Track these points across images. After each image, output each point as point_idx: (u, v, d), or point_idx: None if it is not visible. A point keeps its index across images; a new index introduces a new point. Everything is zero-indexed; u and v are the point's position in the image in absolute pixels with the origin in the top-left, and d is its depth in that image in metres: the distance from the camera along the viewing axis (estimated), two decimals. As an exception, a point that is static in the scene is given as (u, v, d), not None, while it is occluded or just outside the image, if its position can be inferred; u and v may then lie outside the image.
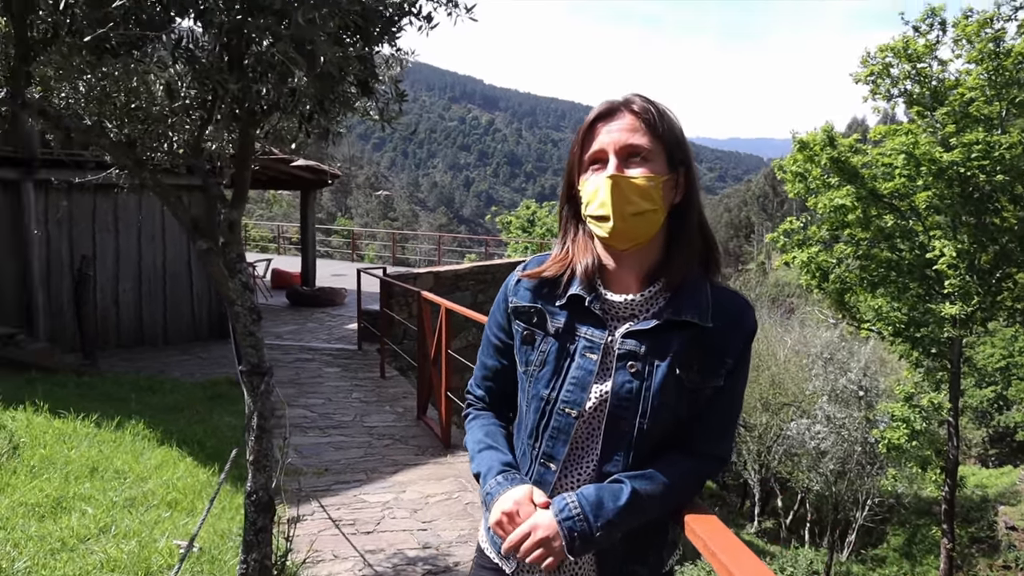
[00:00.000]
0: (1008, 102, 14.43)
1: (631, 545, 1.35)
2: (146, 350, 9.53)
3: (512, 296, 1.46)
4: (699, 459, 1.35)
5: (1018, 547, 19.30)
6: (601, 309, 1.35)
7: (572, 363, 1.34)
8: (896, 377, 20.64)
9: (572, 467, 1.35)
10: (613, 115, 1.32)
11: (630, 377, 1.29)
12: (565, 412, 1.33)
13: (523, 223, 30.67)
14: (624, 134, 1.29)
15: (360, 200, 75.30)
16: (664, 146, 1.30)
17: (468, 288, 11.81)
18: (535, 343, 1.39)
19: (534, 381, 1.38)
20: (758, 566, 1.09)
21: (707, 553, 1.19)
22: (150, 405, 6.30)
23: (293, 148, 3.44)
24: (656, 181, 1.28)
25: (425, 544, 4.20)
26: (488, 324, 1.53)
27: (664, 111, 1.31)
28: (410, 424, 6.71)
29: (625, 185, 1.27)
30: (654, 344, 1.30)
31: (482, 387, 1.54)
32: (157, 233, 9.85)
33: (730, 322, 1.32)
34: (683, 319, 1.29)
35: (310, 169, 12.09)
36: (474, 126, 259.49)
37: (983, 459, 27.15)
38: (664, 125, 1.30)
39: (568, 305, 1.37)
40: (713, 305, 1.31)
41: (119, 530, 3.65)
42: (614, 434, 1.30)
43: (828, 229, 16.70)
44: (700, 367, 1.30)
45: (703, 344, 1.30)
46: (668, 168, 1.30)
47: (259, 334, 3.06)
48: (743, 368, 1.35)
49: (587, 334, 1.34)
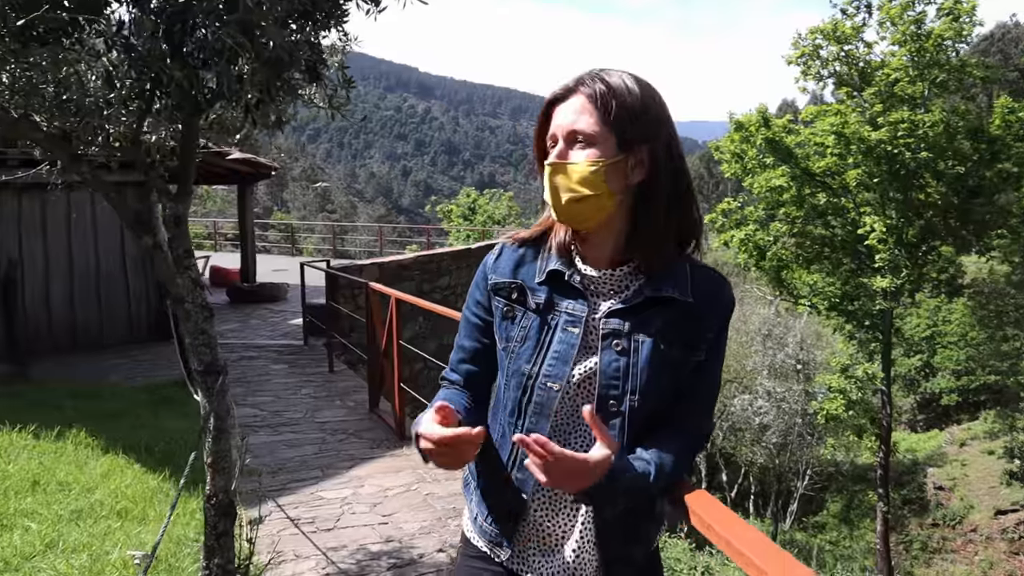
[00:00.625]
0: (930, 82, 15.03)
1: (628, 525, 1.34)
2: (81, 354, 9.13)
3: (491, 273, 1.44)
4: (688, 435, 1.35)
5: (945, 505, 20.33)
6: (581, 283, 1.34)
7: (554, 337, 1.33)
8: (831, 350, 21.40)
9: (560, 444, 1.33)
10: (567, 96, 1.30)
11: (616, 356, 1.29)
12: (547, 386, 1.32)
13: (464, 211, 30.56)
14: (570, 117, 1.27)
15: (297, 193, 73.79)
16: (612, 128, 1.26)
17: (413, 278, 11.70)
18: (516, 319, 1.38)
19: (515, 357, 1.36)
20: (756, 534, 1.09)
21: (702, 526, 1.19)
22: (90, 412, 6.04)
23: (238, 139, 3.32)
24: (598, 165, 1.25)
25: (387, 538, 4.15)
26: (466, 305, 1.50)
27: (618, 90, 1.27)
28: (363, 418, 6.63)
29: (561, 172, 1.27)
30: (637, 321, 1.30)
31: (458, 371, 1.50)
32: (88, 232, 9.44)
33: (709, 297, 1.32)
34: (663, 295, 1.30)
35: (247, 162, 11.75)
36: (410, 115, 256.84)
37: (912, 424, 28.41)
38: (614, 104, 1.25)
39: (548, 280, 1.36)
40: (692, 281, 1.32)
41: (67, 544, 3.50)
42: (606, 414, 1.30)
43: (764, 208, 17.16)
44: (682, 342, 1.30)
45: (684, 319, 1.30)
46: (618, 150, 1.27)
47: (212, 331, 2.96)
48: (722, 342, 1.37)
49: (568, 308, 1.33)
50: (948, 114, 14.92)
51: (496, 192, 33.23)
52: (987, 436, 22.19)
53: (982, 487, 20.36)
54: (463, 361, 1.49)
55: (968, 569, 18.00)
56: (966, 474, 21.12)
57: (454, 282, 12.98)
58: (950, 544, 19.15)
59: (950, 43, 15.05)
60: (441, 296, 12.21)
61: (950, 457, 22.45)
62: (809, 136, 16.05)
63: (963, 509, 19.82)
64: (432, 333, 12.14)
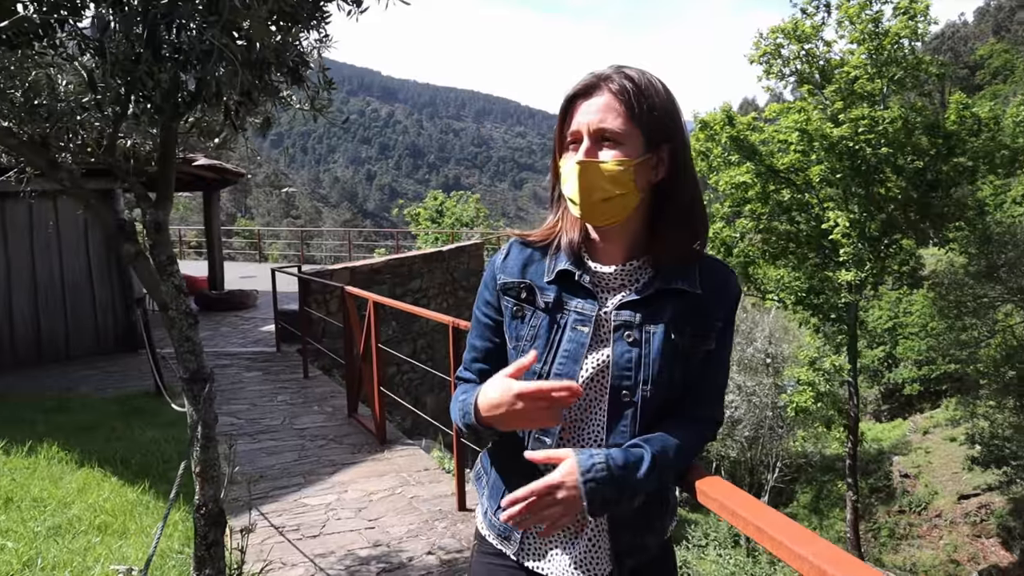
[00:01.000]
0: (888, 79, 15.39)
1: (641, 515, 1.35)
2: (48, 367, 8.90)
3: (500, 273, 1.44)
4: (699, 423, 1.37)
5: (911, 492, 20.80)
6: (591, 282, 1.35)
7: (563, 336, 1.34)
8: (799, 343, 21.75)
9: (570, 441, 1.35)
10: (591, 92, 1.29)
11: (628, 347, 1.30)
12: None
13: (431, 214, 30.46)
14: (599, 115, 1.27)
15: (260, 199, 72.79)
16: (640, 127, 1.27)
17: (385, 282, 11.63)
18: (525, 318, 1.38)
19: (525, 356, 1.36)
20: (781, 517, 1.11)
21: (725, 512, 1.20)
22: (61, 426, 5.89)
23: (216, 143, 3.26)
24: (627, 165, 1.26)
25: (375, 542, 4.11)
26: (476, 305, 1.51)
27: (645, 88, 1.28)
28: (342, 423, 6.56)
29: (593, 171, 1.26)
30: (648, 312, 1.31)
31: (472, 370, 1.50)
32: (52, 242, 9.19)
33: (717, 288, 1.35)
34: (674, 287, 1.32)
35: (213, 168, 11.56)
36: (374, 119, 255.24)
37: (877, 415, 29.04)
38: (643, 105, 1.27)
39: (557, 280, 1.37)
40: (700, 273, 1.34)
41: (46, 562, 3.41)
42: (618, 405, 1.31)
43: (730, 205, 17.40)
44: (693, 332, 1.32)
45: (694, 310, 1.32)
46: (645, 149, 1.28)
47: (196, 339, 2.90)
48: (730, 332, 1.39)
49: (577, 307, 1.34)
50: (906, 110, 15.30)
51: (463, 194, 33.17)
52: (949, 424, 22.75)
53: (945, 473, 20.88)
54: (476, 360, 1.50)
55: (934, 553, 18.44)
56: (930, 461, 21.64)
57: (426, 284, 12.93)
58: (916, 530, 19.60)
59: (906, 41, 15.44)
60: (413, 299, 12.16)
61: (914, 445, 22.98)
62: (773, 133, 16.33)
63: (928, 495, 20.31)
64: (405, 336, 12.08)
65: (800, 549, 0.98)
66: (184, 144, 3.50)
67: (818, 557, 0.95)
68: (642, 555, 1.38)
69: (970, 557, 18.02)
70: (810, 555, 0.96)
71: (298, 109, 3.02)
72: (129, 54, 2.55)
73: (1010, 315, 19.15)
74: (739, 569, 11.46)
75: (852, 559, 0.93)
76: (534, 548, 1.40)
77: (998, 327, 18.92)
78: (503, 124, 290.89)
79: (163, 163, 2.91)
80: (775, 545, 1.04)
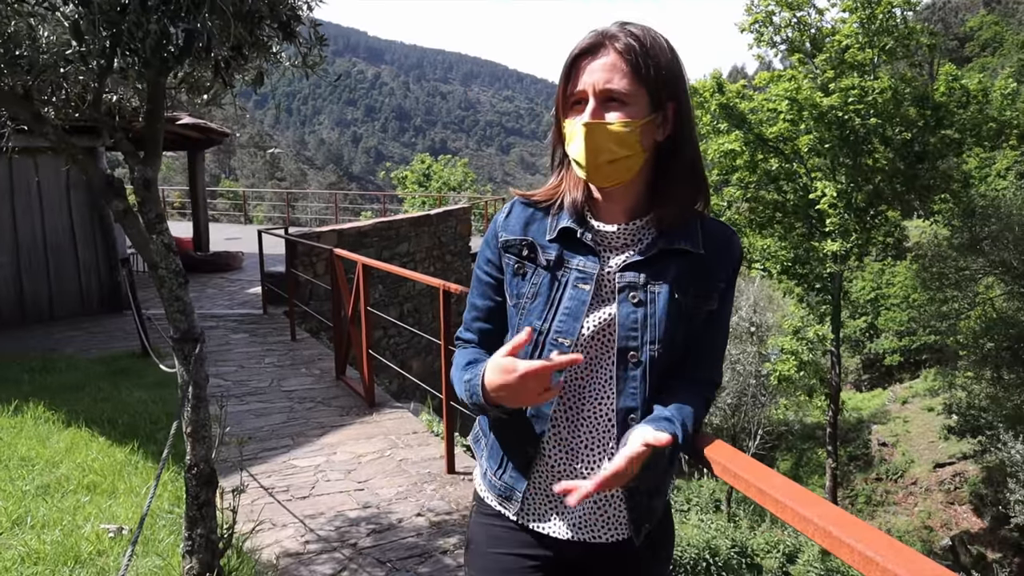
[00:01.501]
0: (879, 49, 15.31)
1: (653, 480, 1.36)
2: (32, 328, 8.80)
3: (502, 231, 1.43)
4: (701, 385, 1.37)
5: (888, 461, 21.22)
6: (593, 240, 1.34)
7: (564, 294, 1.33)
8: (783, 312, 21.94)
9: (578, 399, 1.34)
10: (596, 51, 1.26)
11: (633, 307, 1.30)
12: (559, 342, 1.32)
13: (419, 177, 30.24)
14: (604, 74, 1.24)
15: (245, 161, 71.82)
16: (646, 86, 1.25)
17: (372, 245, 11.57)
18: (526, 275, 1.38)
19: (525, 313, 1.36)
20: (785, 481, 1.11)
21: (728, 475, 1.21)
22: (47, 386, 5.85)
23: (206, 99, 3.19)
24: (633, 126, 1.24)
25: (365, 504, 4.14)
26: (477, 263, 1.49)
27: (651, 47, 1.25)
28: (330, 385, 6.56)
29: (599, 132, 1.24)
30: (652, 272, 1.31)
31: (472, 329, 1.49)
32: (34, 202, 9.03)
33: (720, 248, 1.35)
34: (677, 247, 1.31)
35: (197, 128, 11.37)
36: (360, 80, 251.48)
37: (857, 384, 29.46)
38: (649, 64, 1.24)
39: (559, 238, 1.36)
40: (703, 233, 1.34)
41: (36, 520, 3.40)
42: (627, 367, 1.30)
43: (718, 173, 17.37)
44: (695, 292, 1.32)
45: (696, 270, 1.32)
46: (650, 109, 1.27)
47: (187, 298, 2.87)
48: (731, 293, 1.39)
49: (579, 265, 1.34)
50: (896, 81, 15.26)
51: (451, 158, 32.91)
52: (927, 394, 23.15)
53: (922, 442, 21.29)
54: (476, 319, 1.48)
55: (908, 520, 18.88)
56: (908, 430, 22.04)
57: (413, 248, 12.87)
58: (892, 497, 20.04)
59: (899, 11, 15.35)
60: (400, 263, 12.11)
61: (893, 415, 23.38)
62: (763, 102, 16.26)
63: (904, 463, 20.72)
64: (392, 300, 12.06)
65: (805, 511, 0.99)
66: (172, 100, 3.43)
67: (823, 519, 0.95)
68: (653, 518, 1.39)
69: (943, 523, 18.48)
70: (815, 516, 0.96)
71: (289, 66, 2.96)
72: (115, 4, 2.48)
73: (991, 287, 19.38)
74: (720, 533, 11.69)
75: (856, 520, 0.94)
76: (536, 509, 1.40)
77: (978, 299, 19.16)
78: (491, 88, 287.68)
79: (151, 119, 2.85)
80: (779, 507, 1.04)
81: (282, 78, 3.19)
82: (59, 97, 2.97)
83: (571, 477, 1.35)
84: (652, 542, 1.41)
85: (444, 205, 22.04)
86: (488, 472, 1.46)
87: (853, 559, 0.89)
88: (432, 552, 3.55)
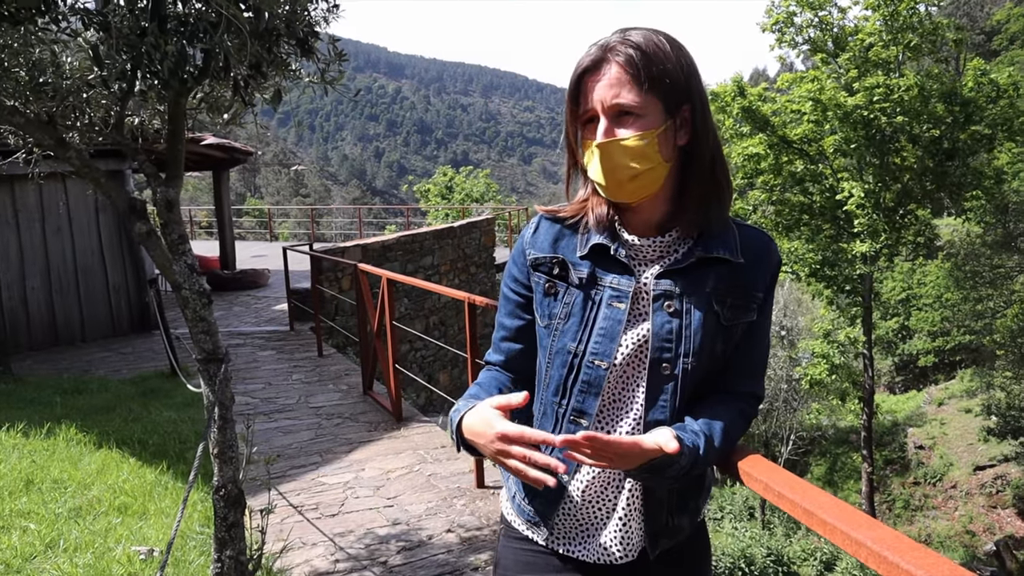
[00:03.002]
0: (904, 46, 15.08)
1: (676, 495, 1.31)
2: (63, 350, 8.93)
3: (530, 248, 1.38)
4: (741, 400, 1.31)
5: (926, 464, 20.76)
6: (627, 256, 1.29)
7: (599, 314, 1.28)
8: (812, 316, 21.61)
9: (607, 421, 1.30)
10: (599, 67, 1.21)
11: (668, 317, 1.25)
12: (595, 364, 1.27)
13: (441, 190, 30.33)
14: (611, 90, 1.19)
15: (269, 178, 72.73)
16: (656, 94, 1.20)
17: (397, 259, 11.60)
18: (558, 295, 1.32)
19: (559, 335, 1.31)
20: (833, 500, 1.05)
21: (771, 495, 1.15)
22: (78, 407, 5.91)
23: (226, 118, 3.20)
24: (650, 137, 1.19)
25: (394, 521, 4.10)
26: (504, 281, 1.44)
27: (654, 53, 1.20)
28: (357, 401, 6.55)
29: (615, 151, 1.20)
30: (689, 282, 1.26)
31: (500, 350, 1.44)
32: (64, 225, 9.18)
33: (758, 257, 1.29)
34: (714, 255, 1.26)
35: (221, 148, 11.50)
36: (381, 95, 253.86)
37: (891, 386, 28.93)
38: (655, 71, 1.19)
39: (591, 255, 1.31)
40: (740, 241, 1.29)
41: (68, 543, 3.41)
42: (658, 379, 1.25)
43: (743, 177, 17.20)
44: (733, 302, 1.27)
45: (734, 279, 1.27)
46: (664, 116, 1.21)
47: (211, 318, 2.86)
48: (770, 303, 1.34)
49: (613, 283, 1.28)
50: (922, 77, 15.00)
51: (472, 170, 33.00)
52: (964, 395, 22.63)
53: (960, 444, 20.80)
54: (505, 339, 1.44)
55: (949, 524, 18.42)
56: (945, 432, 21.55)
57: (437, 261, 12.88)
58: (931, 501, 19.58)
59: (922, 6, 15.11)
60: (425, 276, 12.12)
61: (929, 417, 22.89)
62: (786, 104, 16.08)
63: (943, 467, 20.25)
64: (418, 313, 12.06)
65: (858, 534, 0.92)
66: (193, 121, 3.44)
67: (878, 543, 0.89)
68: (676, 535, 1.33)
69: (986, 528, 18.00)
70: (868, 540, 0.90)
71: (309, 83, 2.95)
72: (134, 27, 2.48)
73: (1027, 285, 18.94)
74: (755, 541, 11.48)
75: (914, 544, 0.88)
76: (565, 533, 1.35)
77: (1015, 297, 18.71)
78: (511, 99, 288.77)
79: (172, 140, 2.85)
80: (828, 529, 0.98)
81: (303, 95, 3.19)
82: (82, 122, 2.99)
83: (595, 497, 1.32)
84: (683, 560, 1.36)
85: (467, 217, 22.08)
86: (517, 496, 1.42)
87: (913, 587, 0.82)
88: (463, 569, 3.50)
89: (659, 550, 1.32)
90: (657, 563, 1.33)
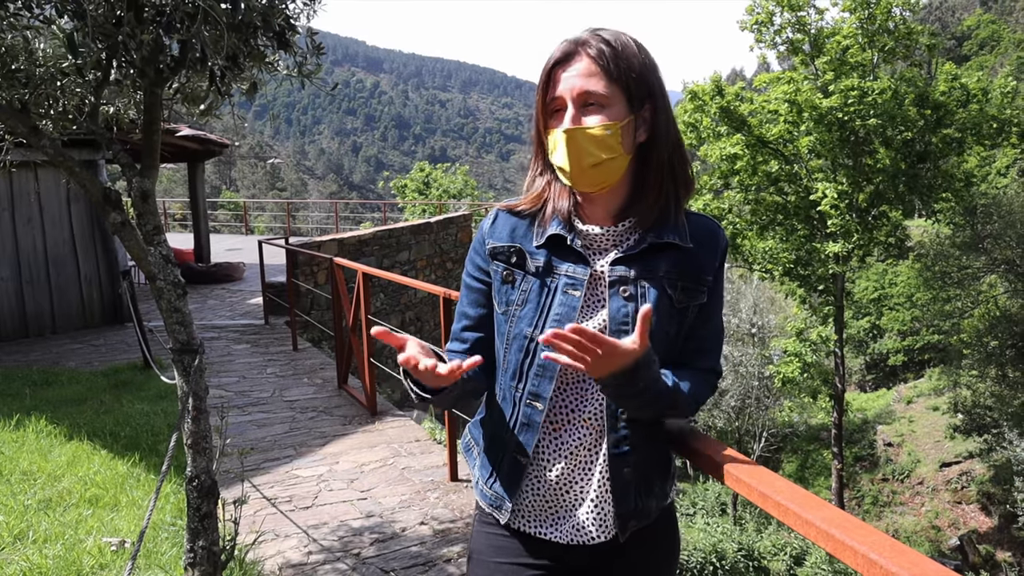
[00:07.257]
0: (879, 49, 15.30)
1: (642, 476, 1.35)
2: (33, 341, 8.81)
3: (489, 238, 1.44)
4: (700, 372, 1.39)
5: (894, 461, 21.14)
6: (582, 246, 1.35)
7: (554, 300, 1.34)
8: (785, 314, 21.89)
9: (567, 405, 1.34)
10: (570, 59, 1.29)
11: (624, 302, 1.31)
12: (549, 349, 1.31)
13: (418, 186, 30.23)
14: (580, 80, 1.26)
15: (245, 171, 71.96)
16: (622, 88, 1.27)
17: (373, 254, 11.57)
18: (515, 283, 1.38)
19: (516, 320, 1.36)
20: (788, 485, 1.10)
21: (731, 480, 1.19)
22: (49, 399, 5.84)
23: (202, 109, 3.19)
24: (614, 128, 1.26)
25: (368, 513, 4.12)
26: (466, 272, 1.50)
27: (622, 50, 1.28)
28: (332, 394, 6.55)
29: (581, 138, 1.26)
30: (642, 267, 1.32)
31: (462, 339, 1.48)
32: (34, 215, 9.04)
33: (706, 242, 1.36)
34: (665, 241, 1.32)
35: (196, 139, 11.38)
36: (359, 89, 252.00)
37: (861, 385, 29.40)
38: (622, 66, 1.27)
39: (547, 244, 1.37)
40: (689, 227, 1.36)
41: (38, 534, 3.39)
42: None
43: (719, 177, 17.36)
44: (684, 286, 1.33)
45: (684, 264, 1.34)
46: (628, 110, 1.28)
47: (185, 309, 2.86)
48: (721, 284, 1.41)
49: (568, 271, 1.34)
50: (896, 81, 15.24)
51: (451, 165, 32.92)
52: (932, 393, 23.08)
53: (928, 442, 21.21)
54: (467, 328, 1.48)
55: (916, 520, 18.79)
56: (913, 430, 21.96)
57: (414, 256, 12.87)
58: (899, 497, 19.96)
59: (898, 10, 15.34)
60: (401, 271, 12.10)
61: (898, 414, 23.31)
62: (762, 104, 16.25)
63: (911, 463, 20.64)
64: (393, 309, 12.05)
65: (807, 514, 0.97)
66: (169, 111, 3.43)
67: (825, 522, 0.94)
68: (644, 517, 1.37)
69: (951, 523, 18.38)
70: (817, 520, 0.95)
71: (286, 76, 2.96)
72: (109, 16, 2.48)
73: (994, 286, 19.34)
74: (726, 537, 11.62)
75: (859, 522, 0.93)
76: (532, 515, 1.39)
77: (981, 297, 19.11)
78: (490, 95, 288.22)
79: (148, 131, 2.84)
80: (781, 511, 1.03)
81: (279, 88, 3.19)
82: (56, 110, 2.97)
83: (565, 480, 1.35)
84: (651, 545, 1.41)
85: (444, 213, 22.05)
86: (480, 481, 1.46)
87: (856, 562, 0.87)
88: (436, 561, 3.53)
89: (628, 532, 1.36)
90: (627, 545, 1.37)
